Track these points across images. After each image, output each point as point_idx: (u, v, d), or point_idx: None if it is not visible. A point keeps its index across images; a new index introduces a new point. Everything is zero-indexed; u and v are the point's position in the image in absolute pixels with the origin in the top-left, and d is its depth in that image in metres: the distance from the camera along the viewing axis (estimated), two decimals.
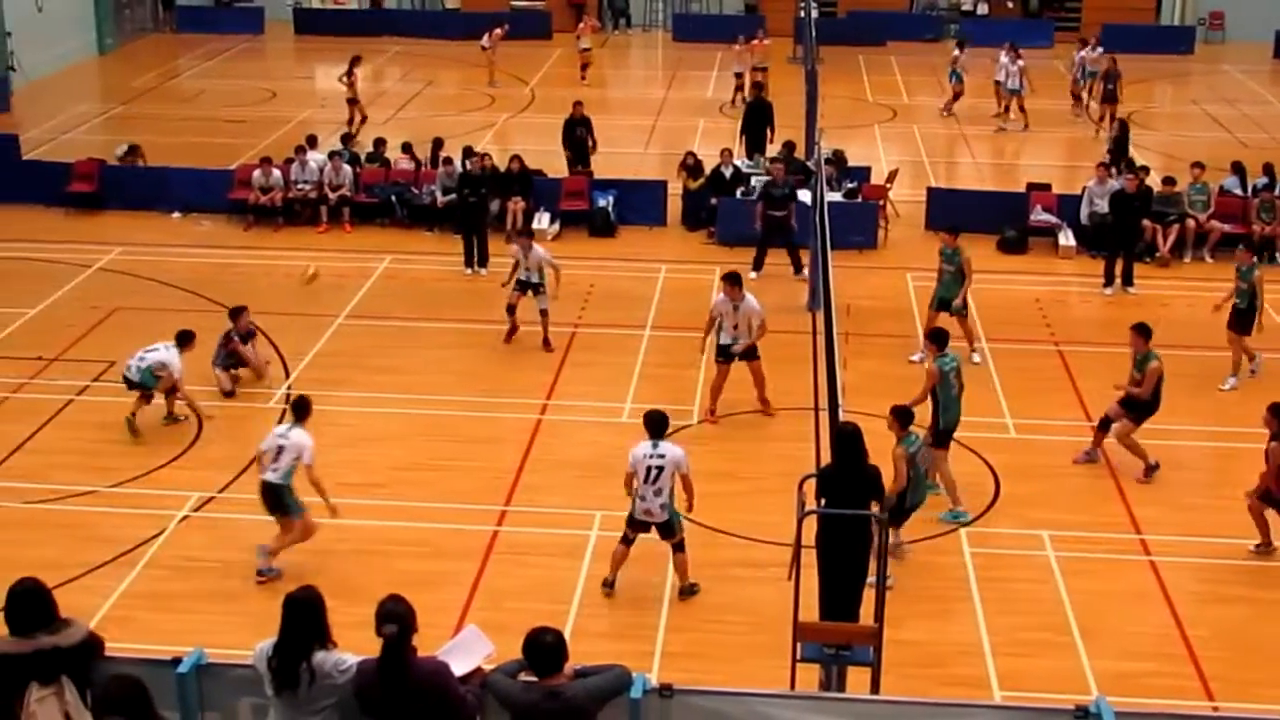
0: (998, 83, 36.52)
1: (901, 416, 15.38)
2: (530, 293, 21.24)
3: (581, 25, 42.81)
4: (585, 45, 41.65)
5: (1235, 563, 15.97)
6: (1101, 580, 15.52)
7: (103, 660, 8.59)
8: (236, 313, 20.30)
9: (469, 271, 24.82)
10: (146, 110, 37.40)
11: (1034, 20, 49.34)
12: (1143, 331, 17.98)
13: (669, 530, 14.86)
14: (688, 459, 14.83)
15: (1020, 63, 35.96)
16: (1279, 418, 15.68)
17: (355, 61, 35.62)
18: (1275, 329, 22.54)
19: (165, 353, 18.67)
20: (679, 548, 14.96)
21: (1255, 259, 20.94)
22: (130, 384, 18.65)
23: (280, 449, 15.12)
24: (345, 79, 35.24)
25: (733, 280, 19.20)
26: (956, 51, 37.45)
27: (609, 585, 15.08)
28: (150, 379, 18.58)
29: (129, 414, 18.63)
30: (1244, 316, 20.49)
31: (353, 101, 35.03)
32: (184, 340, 18.98)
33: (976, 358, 20.81)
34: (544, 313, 21.28)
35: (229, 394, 19.84)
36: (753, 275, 24.13)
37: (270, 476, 15.13)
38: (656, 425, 14.82)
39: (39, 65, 39.89)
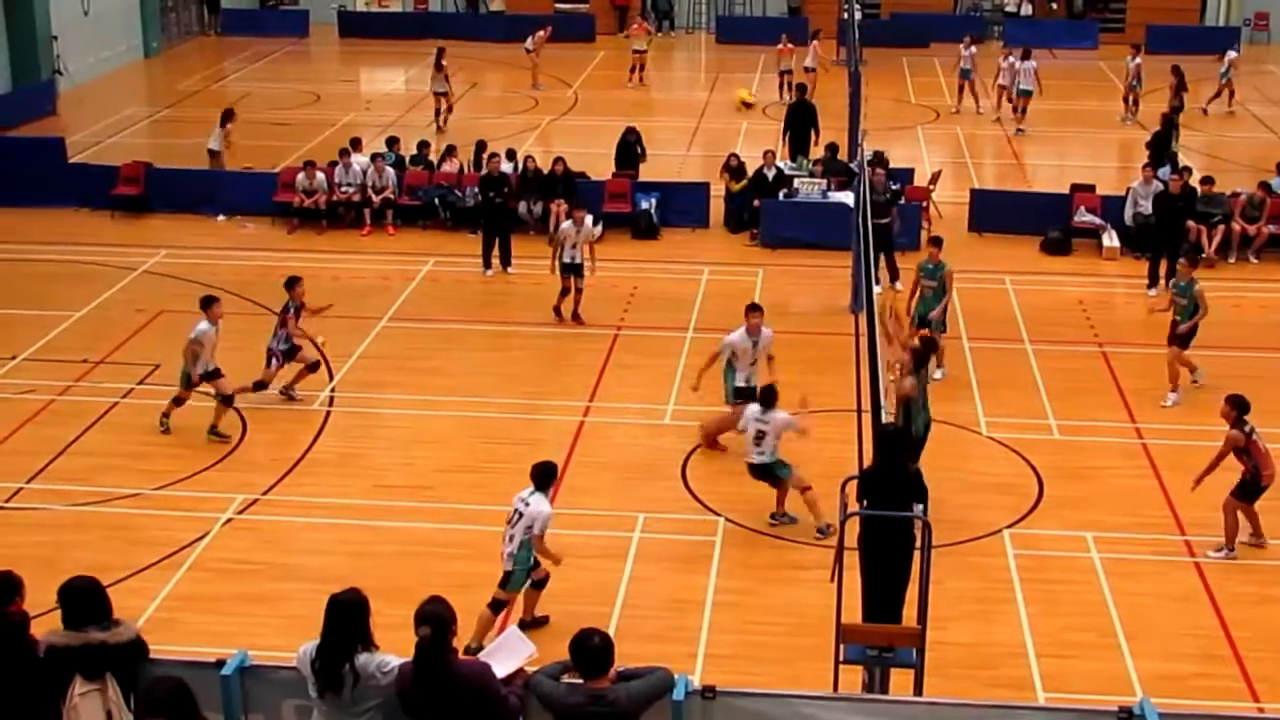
0: (1002, 86, 36.33)
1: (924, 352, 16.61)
2: (572, 275, 22.25)
3: (635, 27, 42.85)
4: (639, 47, 41.71)
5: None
6: (1146, 582, 15.44)
7: (148, 662, 8.66)
8: (293, 282, 20.15)
9: (487, 273, 24.81)
10: (191, 113, 37.58)
11: (1078, 21, 49.11)
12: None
13: (507, 581, 14.04)
14: (547, 521, 13.88)
15: (1031, 63, 35.90)
16: (1237, 408, 15.96)
17: (441, 53, 36.08)
18: None
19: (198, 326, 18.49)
20: (534, 586, 14.36)
21: (1194, 274, 20.07)
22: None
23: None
24: (436, 71, 35.74)
25: (756, 309, 18.28)
26: (968, 50, 37.15)
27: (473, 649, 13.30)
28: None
29: (163, 413, 18.76)
30: (1186, 331, 19.76)
31: (441, 94, 35.57)
32: (206, 304, 18.70)
33: (939, 374, 19.93)
34: (580, 291, 22.44)
35: (261, 386, 19.58)
36: (898, 287, 23.69)
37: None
38: (543, 477, 14.01)
39: (85, 69, 40.26)
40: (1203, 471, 16.03)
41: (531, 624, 14.22)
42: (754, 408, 16.18)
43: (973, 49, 36.98)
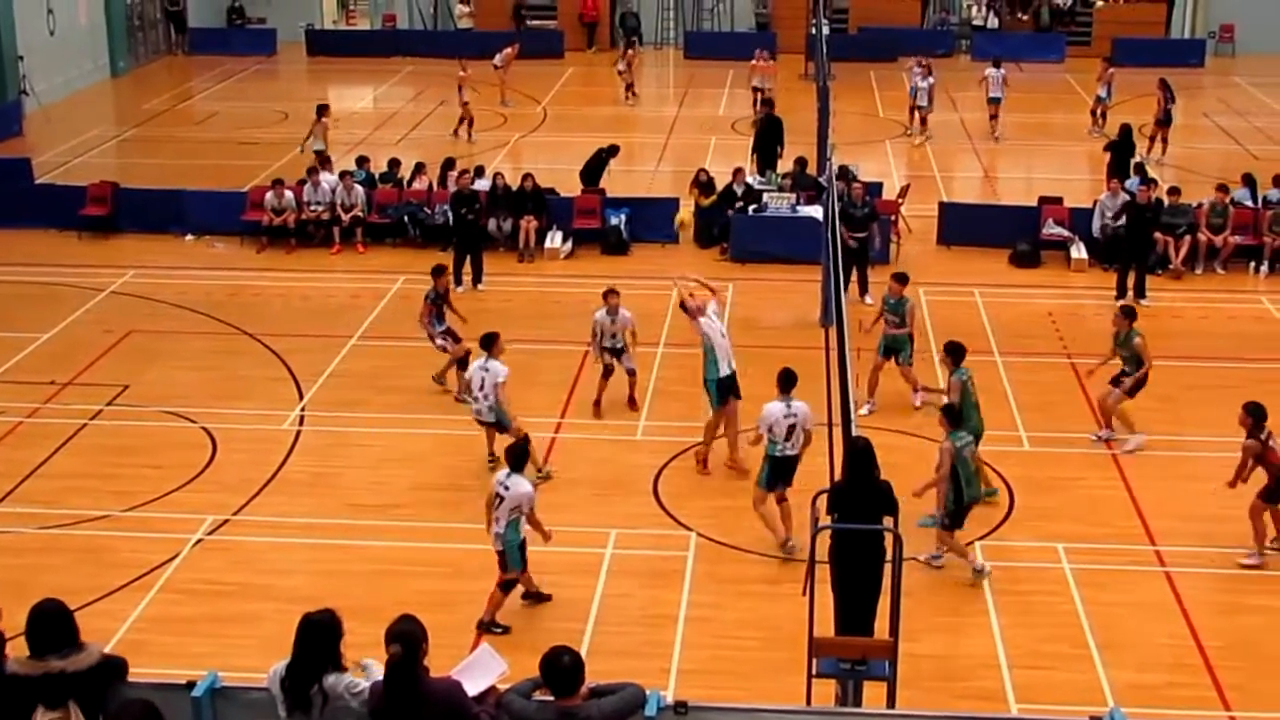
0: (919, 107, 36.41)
1: (950, 415, 15.80)
2: (616, 358, 20.07)
3: (632, 53, 42.90)
4: (622, 68, 41.91)
5: (1251, 573, 15.94)
6: (1117, 592, 15.49)
7: (124, 684, 8.60)
8: (439, 271, 20.98)
9: (458, 290, 24.75)
10: (159, 133, 37.56)
11: (1045, 34, 49.31)
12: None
13: (502, 561, 14.65)
14: (532, 499, 14.51)
15: (1000, 71, 36.28)
16: (1254, 415, 16.11)
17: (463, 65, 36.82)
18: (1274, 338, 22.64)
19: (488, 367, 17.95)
20: (500, 589, 14.70)
21: (1131, 325, 18.91)
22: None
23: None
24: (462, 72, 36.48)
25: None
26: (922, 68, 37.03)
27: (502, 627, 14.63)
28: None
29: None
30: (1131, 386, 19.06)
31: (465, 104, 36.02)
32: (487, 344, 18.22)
33: (917, 401, 20.08)
34: (631, 372, 20.20)
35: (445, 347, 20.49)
36: (867, 301, 23.76)
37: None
38: (518, 457, 14.62)
39: (52, 89, 40.10)
40: (1233, 479, 16.26)
41: (490, 626, 14.46)
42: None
43: (930, 79, 36.83)
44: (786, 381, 16.42)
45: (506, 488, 14.36)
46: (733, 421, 18.34)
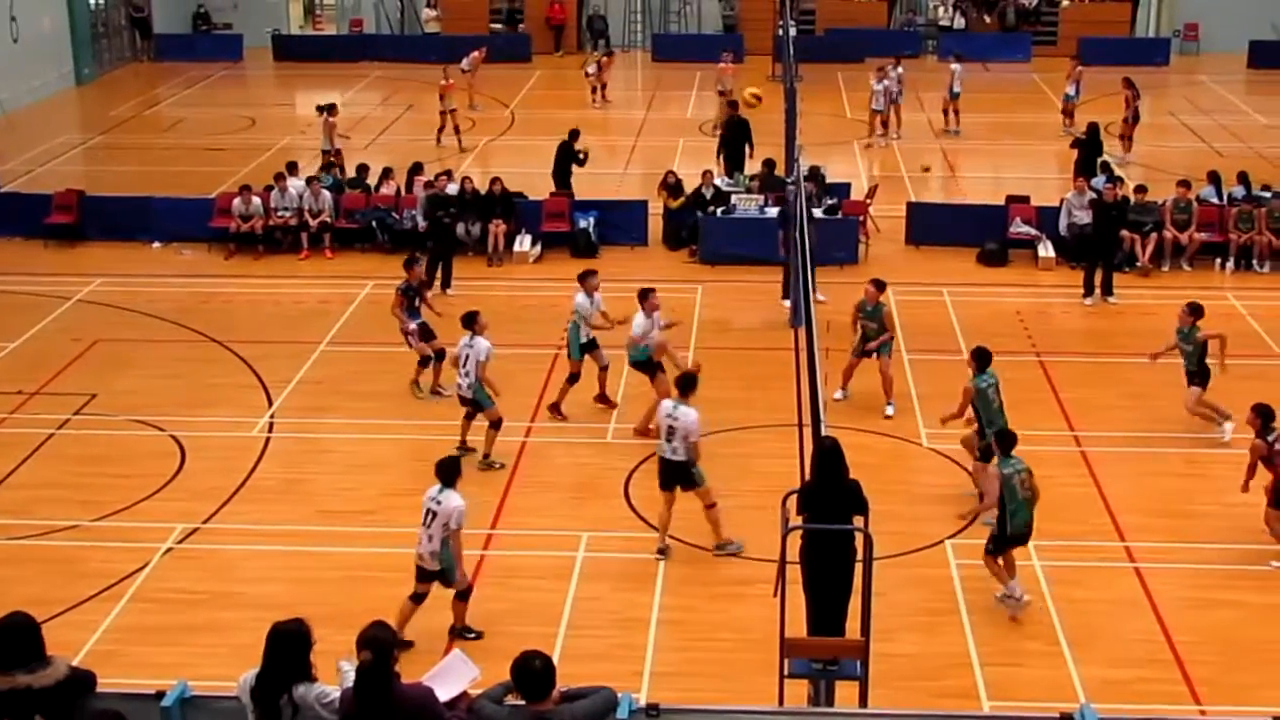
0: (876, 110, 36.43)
1: (1001, 439, 15.39)
2: (590, 353, 20.00)
3: (606, 60, 42.93)
4: (590, 70, 41.97)
5: (1221, 568, 16.04)
6: (1088, 589, 15.56)
7: (93, 698, 8.56)
8: (410, 263, 21.14)
9: (430, 294, 24.64)
10: (126, 140, 37.41)
11: (1011, 34, 49.46)
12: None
13: (444, 578, 14.35)
14: (462, 514, 14.12)
15: (959, 66, 36.88)
16: (1261, 416, 16.19)
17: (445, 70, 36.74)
18: (1250, 335, 22.70)
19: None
20: (458, 598, 14.49)
21: (1194, 320, 19.25)
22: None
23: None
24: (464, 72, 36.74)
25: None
26: (895, 71, 36.90)
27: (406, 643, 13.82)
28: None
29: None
30: (1199, 374, 19.23)
31: (450, 111, 35.91)
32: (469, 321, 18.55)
33: (891, 410, 20.07)
34: (604, 368, 20.11)
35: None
36: (821, 298, 23.75)
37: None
38: (448, 472, 14.26)
39: (16, 96, 39.88)
40: (1245, 480, 16.33)
41: (462, 632, 14.40)
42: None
43: (899, 70, 36.90)
44: (683, 385, 16.40)
45: (438, 503, 14.04)
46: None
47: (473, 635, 14.42)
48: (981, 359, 17.44)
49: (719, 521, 16.26)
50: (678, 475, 16.16)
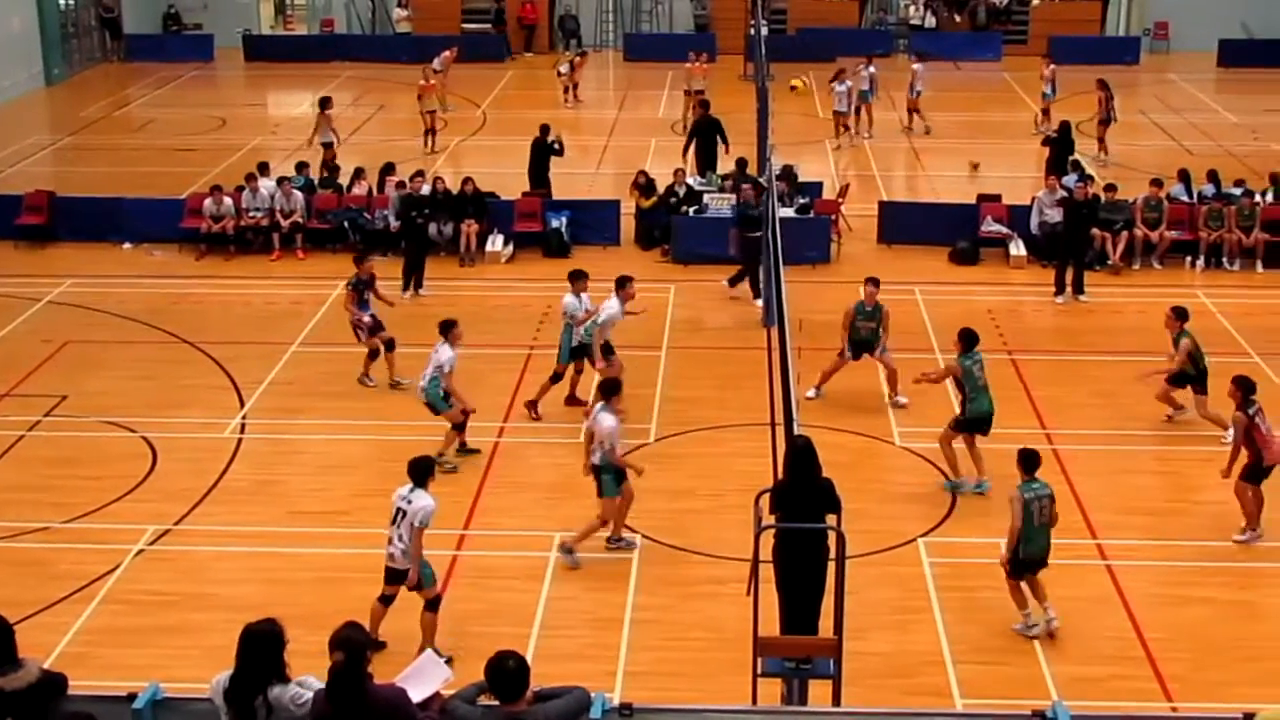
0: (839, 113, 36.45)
1: (1025, 460, 14.80)
2: (577, 360, 20.11)
3: (580, 60, 42.98)
4: (563, 70, 41.98)
5: (1192, 565, 16.12)
6: (1059, 586, 15.55)
7: (64, 700, 8.53)
8: (360, 259, 21.30)
9: (407, 296, 24.62)
10: (96, 140, 37.26)
11: (982, 33, 49.62)
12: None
13: (418, 583, 14.06)
14: (429, 514, 13.92)
15: (920, 65, 37.26)
16: (1242, 388, 16.31)
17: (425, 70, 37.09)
18: (1220, 332, 22.81)
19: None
20: (428, 609, 14.17)
21: (1182, 325, 19.20)
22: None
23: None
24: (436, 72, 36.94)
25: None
26: (866, 70, 36.94)
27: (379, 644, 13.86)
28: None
29: None
30: (1196, 378, 19.12)
31: (430, 112, 35.85)
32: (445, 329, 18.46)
33: (903, 399, 20.21)
34: (580, 372, 20.33)
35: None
36: (758, 303, 23.99)
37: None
38: (420, 472, 14.08)
39: None
40: (1229, 462, 16.45)
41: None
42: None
43: (871, 69, 36.96)
44: (605, 389, 16.37)
45: (409, 501, 13.89)
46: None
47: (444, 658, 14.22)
48: (968, 340, 17.73)
49: (588, 534, 16.08)
50: (596, 478, 16.13)
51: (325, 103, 32.73)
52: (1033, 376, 21.20)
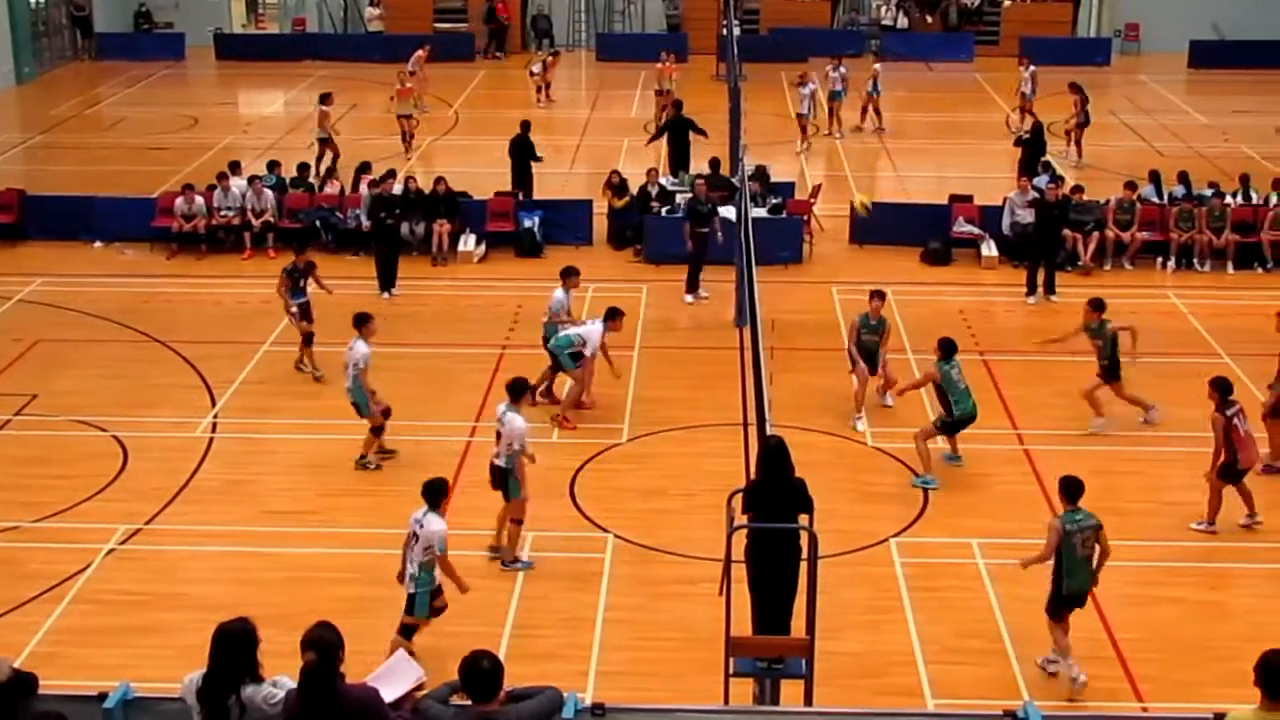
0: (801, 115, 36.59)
1: (1067, 487, 13.97)
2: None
3: (552, 60, 43.04)
4: (535, 70, 41.98)
5: (1163, 565, 16.19)
6: (1031, 587, 15.54)
7: (35, 698, 8.49)
8: (299, 249, 22.01)
9: (385, 296, 24.60)
10: (67, 139, 37.09)
11: (954, 34, 49.78)
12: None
13: (409, 603, 13.86)
14: (444, 538, 13.66)
15: (877, 65, 37.66)
16: (1220, 390, 16.49)
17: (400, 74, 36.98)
18: (1191, 333, 22.93)
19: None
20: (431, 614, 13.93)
21: (1102, 315, 19.38)
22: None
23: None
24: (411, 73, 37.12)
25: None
26: (836, 71, 37.15)
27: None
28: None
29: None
30: (1110, 369, 19.42)
31: (405, 116, 35.66)
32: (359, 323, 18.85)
33: (889, 401, 20.31)
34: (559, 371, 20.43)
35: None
36: (688, 299, 24.23)
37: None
38: (434, 494, 13.81)
39: None
40: (1211, 466, 16.62)
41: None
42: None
43: (842, 69, 37.02)
44: (512, 390, 16.36)
45: (421, 525, 13.69)
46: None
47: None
48: (948, 348, 17.92)
49: (515, 539, 16.07)
50: (499, 481, 16.07)
51: (325, 98, 32.68)
52: (1004, 376, 21.27)
